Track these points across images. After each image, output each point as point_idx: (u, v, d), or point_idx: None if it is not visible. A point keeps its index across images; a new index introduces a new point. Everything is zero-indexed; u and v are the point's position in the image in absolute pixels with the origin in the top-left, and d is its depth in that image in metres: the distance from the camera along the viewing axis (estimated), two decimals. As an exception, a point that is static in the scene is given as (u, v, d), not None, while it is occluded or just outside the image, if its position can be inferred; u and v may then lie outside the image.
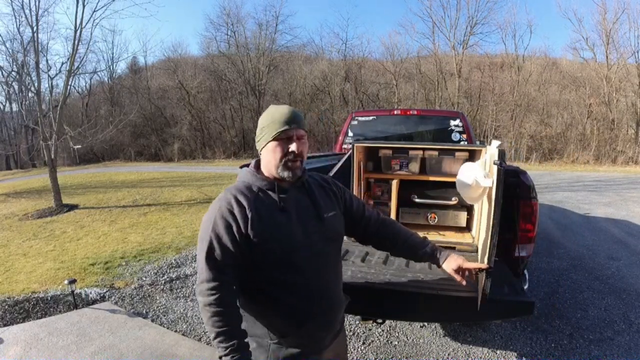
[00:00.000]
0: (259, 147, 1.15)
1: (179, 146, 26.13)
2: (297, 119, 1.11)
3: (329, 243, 1.17)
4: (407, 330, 2.74)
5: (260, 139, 1.13)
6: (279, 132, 1.08)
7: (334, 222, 1.20)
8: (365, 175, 2.79)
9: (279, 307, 1.09)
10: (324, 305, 1.14)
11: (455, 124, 4.16)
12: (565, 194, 9.33)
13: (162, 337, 2.69)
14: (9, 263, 4.79)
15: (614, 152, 18.49)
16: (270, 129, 1.10)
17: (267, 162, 1.12)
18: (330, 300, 1.17)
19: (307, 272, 1.10)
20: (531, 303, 1.63)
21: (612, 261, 4.23)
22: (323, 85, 24.84)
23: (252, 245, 1.05)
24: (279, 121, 1.09)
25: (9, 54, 11.51)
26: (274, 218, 1.08)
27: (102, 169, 20.62)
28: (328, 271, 1.17)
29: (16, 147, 27.91)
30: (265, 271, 1.08)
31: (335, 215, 1.21)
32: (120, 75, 32.02)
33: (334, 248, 1.20)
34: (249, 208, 1.06)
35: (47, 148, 8.85)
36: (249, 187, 1.12)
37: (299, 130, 1.11)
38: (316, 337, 1.14)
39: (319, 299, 1.13)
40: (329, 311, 1.16)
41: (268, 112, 1.14)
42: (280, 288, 1.09)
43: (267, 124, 1.11)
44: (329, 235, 1.16)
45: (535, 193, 2.02)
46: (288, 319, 1.10)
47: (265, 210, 1.08)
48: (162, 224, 6.71)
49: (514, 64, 22.52)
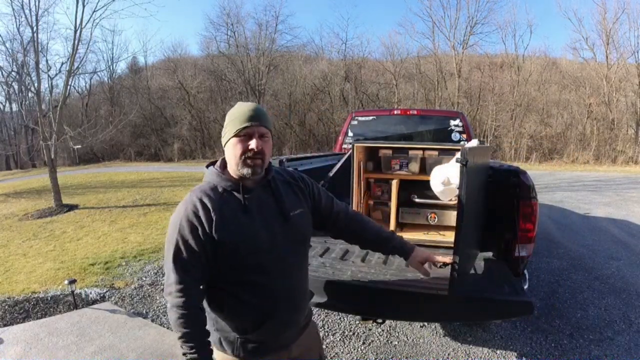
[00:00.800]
0: (223, 144, 1.14)
1: (179, 146, 26.12)
2: (260, 117, 1.10)
3: (294, 242, 1.17)
4: (407, 330, 2.74)
5: (224, 136, 1.13)
6: (239, 129, 1.08)
7: (300, 220, 1.19)
8: (365, 175, 2.79)
9: (241, 306, 1.11)
10: (287, 306, 1.16)
11: (455, 123, 4.17)
12: (565, 193, 9.34)
13: (162, 337, 2.69)
14: (9, 263, 4.79)
15: (614, 152, 18.48)
16: (232, 126, 1.10)
17: (229, 159, 1.13)
18: (294, 300, 1.19)
19: (271, 273, 1.11)
20: (531, 303, 1.63)
21: (612, 261, 4.23)
22: (323, 85, 24.81)
23: (217, 246, 1.06)
24: (241, 118, 1.09)
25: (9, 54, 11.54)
26: (238, 219, 1.08)
27: (102, 169, 20.63)
28: (293, 271, 1.17)
29: (16, 147, 27.91)
30: (230, 272, 1.09)
31: (301, 213, 1.21)
32: (120, 75, 32.01)
33: (299, 247, 1.21)
34: (213, 210, 1.07)
35: (47, 148, 8.85)
36: (214, 188, 1.12)
37: (261, 127, 1.10)
38: (278, 335, 1.16)
39: (283, 300, 1.14)
40: (292, 312, 1.18)
41: (233, 109, 1.14)
42: (243, 289, 1.10)
43: (229, 120, 1.11)
44: (294, 235, 1.17)
45: (535, 193, 2.02)
46: (249, 317, 1.12)
47: (229, 211, 1.08)
48: (162, 224, 6.70)
49: (514, 63, 22.50)
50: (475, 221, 1.78)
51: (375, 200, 2.93)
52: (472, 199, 1.55)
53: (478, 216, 1.89)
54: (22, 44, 11.70)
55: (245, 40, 26.94)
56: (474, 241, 1.82)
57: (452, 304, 1.67)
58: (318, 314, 2.99)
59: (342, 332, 2.76)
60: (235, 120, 1.10)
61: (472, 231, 1.66)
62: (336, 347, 2.58)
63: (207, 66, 27.68)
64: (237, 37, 27.28)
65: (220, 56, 27.27)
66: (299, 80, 24.88)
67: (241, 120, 1.09)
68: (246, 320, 1.12)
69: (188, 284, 1.05)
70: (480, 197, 1.94)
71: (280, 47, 27.61)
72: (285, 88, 25.33)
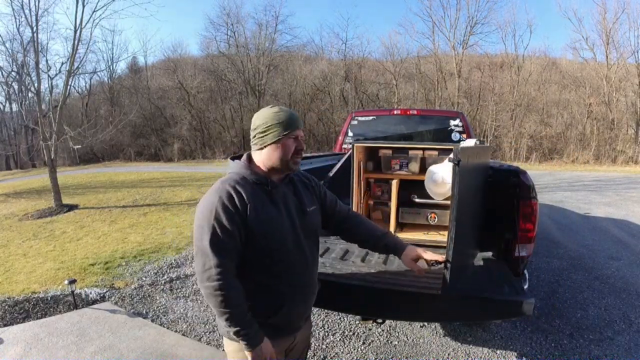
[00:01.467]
0: (261, 143, 1.21)
1: (178, 146, 26.10)
2: (300, 121, 1.24)
3: (310, 235, 1.29)
4: (407, 330, 2.74)
5: (266, 136, 1.20)
6: (291, 131, 1.19)
7: (315, 216, 1.33)
8: (365, 175, 2.79)
9: (261, 288, 1.19)
10: (304, 292, 1.27)
11: (455, 123, 4.17)
12: (565, 193, 9.34)
13: (162, 337, 2.69)
14: (8, 263, 4.79)
15: (614, 151, 18.49)
16: (279, 128, 1.18)
17: (270, 158, 1.21)
18: (310, 288, 1.31)
19: (293, 261, 1.21)
20: (531, 303, 1.63)
21: (612, 261, 4.23)
22: (323, 85, 24.81)
23: (249, 233, 1.14)
24: (288, 122, 1.19)
25: (9, 54, 11.51)
26: (267, 209, 1.18)
27: (102, 169, 20.62)
28: (308, 261, 1.27)
29: (16, 147, 27.88)
30: (255, 258, 1.17)
31: (315, 209, 1.33)
32: (120, 76, 31.94)
33: (313, 239, 1.33)
34: (247, 198, 1.14)
35: (47, 148, 8.85)
36: (244, 179, 1.19)
37: (301, 130, 1.24)
38: (293, 320, 1.27)
39: (301, 286, 1.25)
40: (307, 298, 1.30)
41: (272, 111, 1.21)
42: (266, 275, 1.19)
43: (274, 122, 1.19)
44: (310, 228, 1.29)
45: (535, 193, 2.02)
46: (269, 299, 1.20)
47: (259, 201, 1.17)
48: (162, 224, 6.71)
49: (514, 63, 22.48)
50: (471, 220, 1.78)
51: (376, 200, 2.93)
52: (467, 198, 1.56)
53: (475, 216, 1.89)
54: (22, 44, 11.69)
55: (245, 40, 26.95)
56: (470, 240, 1.81)
57: (452, 304, 1.67)
58: (318, 314, 2.99)
59: (342, 332, 2.76)
60: (283, 122, 1.19)
61: (467, 230, 1.65)
62: (336, 347, 2.58)
63: (207, 66, 27.67)
64: (237, 37, 27.30)
65: (220, 56, 27.25)
66: (298, 80, 24.88)
67: (291, 124, 1.20)
68: (266, 303, 1.20)
69: (227, 266, 1.10)
70: (478, 196, 1.94)
71: (280, 47, 27.65)
72: (285, 88, 25.32)
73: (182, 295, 3.51)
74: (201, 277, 1.11)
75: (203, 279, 1.10)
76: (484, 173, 2.05)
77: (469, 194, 1.62)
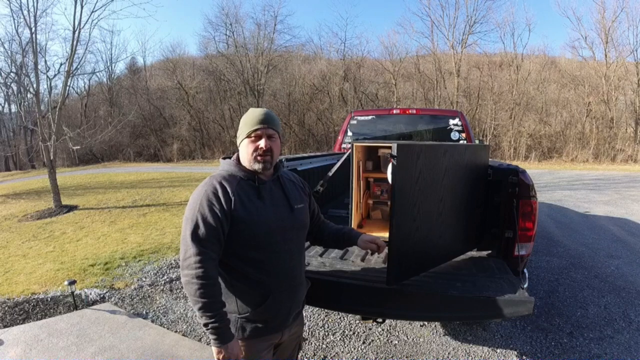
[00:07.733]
0: (237, 143, 1.33)
1: (178, 146, 26.09)
2: (268, 120, 1.28)
3: (297, 230, 1.35)
4: (407, 329, 2.74)
5: (238, 137, 1.32)
6: (251, 130, 1.26)
7: (302, 213, 1.39)
8: (364, 174, 2.79)
9: (248, 281, 1.25)
10: (289, 283, 1.32)
11: (455, 122, 4.17)
12: (565, 192, 9.35)
13: (162, 338, 2.69)
14: (8, 264, 4.79)
15: (613, 150, 18.50)
16: (245, 128, 1.28)
17: (243, 156, 1.30)
18: (295, 280, 1.35)
19: (276, 252, 1.27)
20: (531, 301, 1.63)
21: (612, 259, 4.24)
22: (322, 85, 24.79)
23: (233, 224, 1.20)
24: (252, 122, 1.27)
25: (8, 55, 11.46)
26: (253, 202, 1.25)
27: (102, 169, 20.60)
28: (294, 254, 1.34)
29: (15, 148, 27.84)
30: (241, 249, 1.23)
31: (303, 207, 1.40)
32: (119, 76, 31.90)
33: (300, 235, 1.39)
34: (232, 192, 1.22)
35: (46, 149, 8.83)
36: (232, 175, 1.28)
37: (269, 129, 1.27)
38: (280, 313, 1.30)
39: (285, 277, 1.30)
40: (292, 289, 1.34)
41: (246, 113, 1.32)
42: (251, 265, 1.24)
43: (243, 123, 1.30)
44: (298, 223, 1.35)
45: (534, 192, 2.02)
46: (255, 291, 1.25)
47: (245, 195, 1.24)
48: (161, 224, 6.70)
49: (513, 62, 22.48)
50: (437, 216, 1.84)
51: (375, 199, 2.92)
52: (408, 193, 1.65)
53: (452, 211, 1.93)
54: (20, 45, 11.68)
55: (244, 40, 26.92)
56: (417, 229, 1.80)
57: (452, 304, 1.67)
58: (318, 314, 2.99)
59: (342, 331, 2.76)
60: (248, 123, 1.28)
61: (413, 222, 1.71)
62: (336, 346, 2.58)
63: (206, 66, 27.64)
64: (235, 37, 27.27)
65: (219, 56, 27.22)
66: (297, 80, 24.86)
67: (252, 123, 1.26)
68: (252, 295, 1.25)
69: (206, 256, 1.14)
70: (465, 193, 1.97)
71: (279, 47, 27.61)
72: (284, 88, 25.31)
73: (182, 295, 3.51)
74: (182, 265, 1.16)
75: (183, 266, 1.15)
76: (474, 170, 2.04)
77: (418, 188, 1.69)
